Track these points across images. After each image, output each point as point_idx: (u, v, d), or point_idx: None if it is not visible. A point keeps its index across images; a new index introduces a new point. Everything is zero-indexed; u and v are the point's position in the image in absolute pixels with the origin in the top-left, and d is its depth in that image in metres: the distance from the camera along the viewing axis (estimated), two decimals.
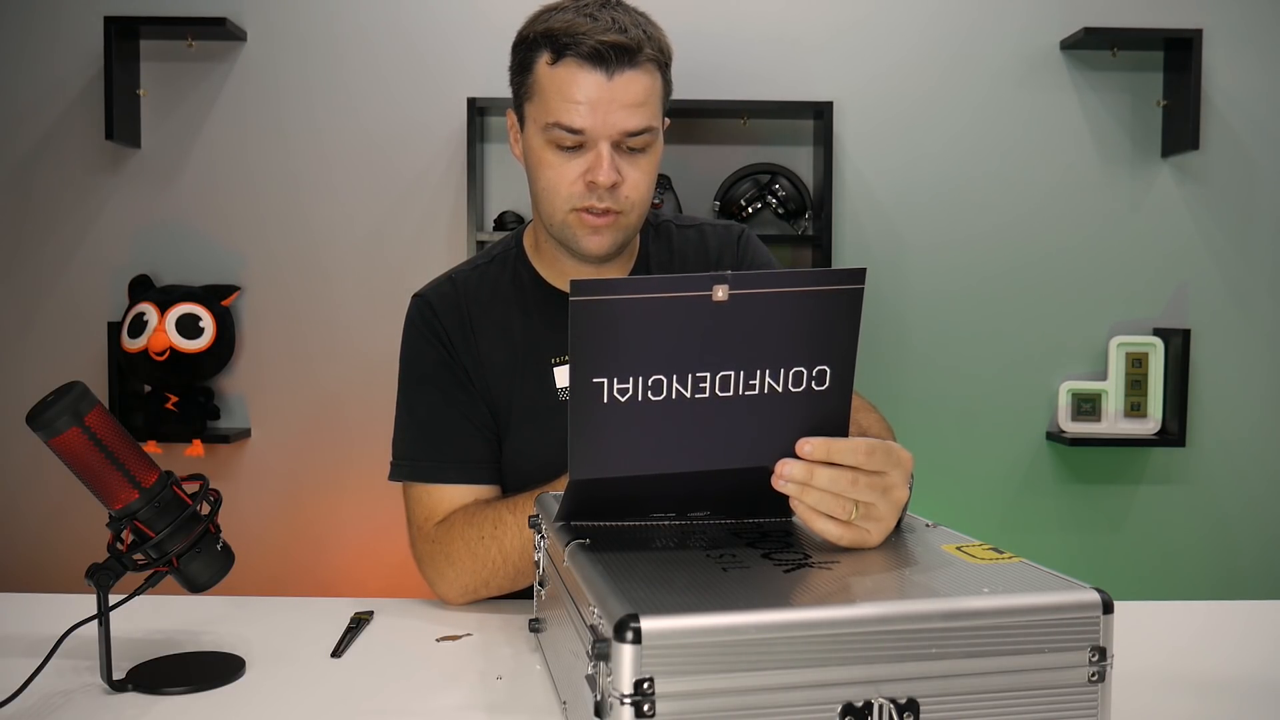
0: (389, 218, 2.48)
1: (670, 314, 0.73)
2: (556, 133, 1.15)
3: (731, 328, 0.74)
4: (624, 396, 0.74)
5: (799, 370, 0.78)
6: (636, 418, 0.75)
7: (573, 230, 1.19)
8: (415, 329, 1.28)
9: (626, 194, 1.17)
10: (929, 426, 2.48)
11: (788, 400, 0.78)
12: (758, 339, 0.76)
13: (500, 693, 0.93)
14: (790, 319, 0.76)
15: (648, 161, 1.19)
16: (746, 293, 0.74)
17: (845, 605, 0.69)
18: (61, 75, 2.43)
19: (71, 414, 0.88)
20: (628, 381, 0.73)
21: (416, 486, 1.25)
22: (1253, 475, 2.52)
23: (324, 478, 2.48)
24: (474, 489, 1.24)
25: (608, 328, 0.72)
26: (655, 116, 1.18)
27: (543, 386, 1.26)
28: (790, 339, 0.76)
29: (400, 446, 1.27)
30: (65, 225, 2.45)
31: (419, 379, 1.27)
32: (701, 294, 0.73)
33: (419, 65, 2.45)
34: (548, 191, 1.19)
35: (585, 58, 1.12)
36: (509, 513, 1.15)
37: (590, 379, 0.73)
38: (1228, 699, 0.91)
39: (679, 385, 0.75)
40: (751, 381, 0.77)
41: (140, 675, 0.95)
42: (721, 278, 0.73)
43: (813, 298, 0.76)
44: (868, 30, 2.48)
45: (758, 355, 0.76)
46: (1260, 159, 2.48)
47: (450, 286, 1.29)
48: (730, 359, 0.75)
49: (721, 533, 0.90)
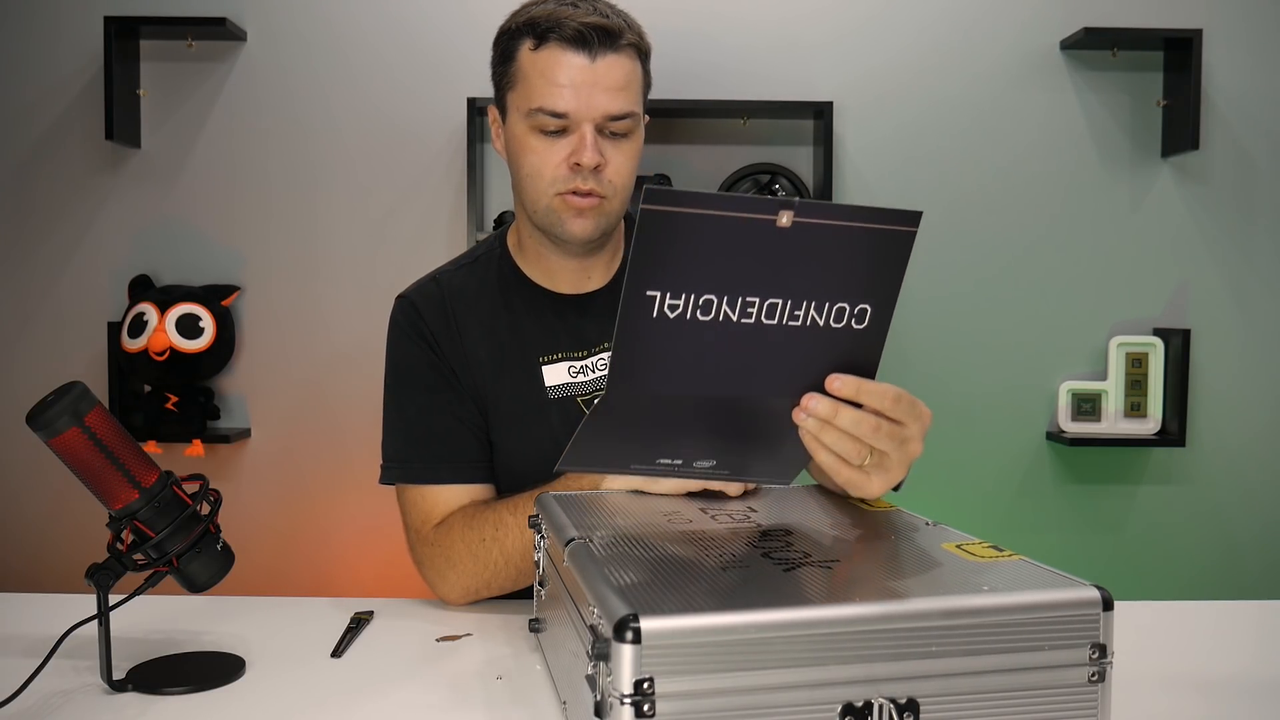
0: (389, 217, 2.48)
1: (733, 234, 0.72)
2: (540, 117, 1.16)
3: (788, 256, 0.74)
4: (673, 313, 0.73)
5: (842, 306, 0.77)
6: (682, 336, 0.74)
7: (557, 214, 1.19)
8: (400, 330, 1.28)
9: (610, 178, 1.18)
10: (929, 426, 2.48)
11: (826, 335, 0.78)
12: (810, 270, 0.75)
13: (500, 693, 0.93)
14: (844, 254, 0.76)
15: (630, 147, 1.19)
16: (809, 221, 0.73)
17: (845, 604, 0.69)
18: (61, 75, 2.43)
19: (71, 414, 0.88)
20: (680, 298, 0.73)
21: (410, 489, 1.24)
22: (1253, 475, 2.52)
23: (324, 478, 2.48)
24: (468, 488, 1.23)
25: (671, 240, 0.71)
26: (637, 102, 1.19)
27: (531, 384, 1.25)
28: (840, 274, 0.76)
29: (390, 449, 1.27)
30: (65, 225, 2.45)
31: (406, 380, 1.26)
32: (767, 218, 0.72)
33: (419, 65, 2.45)
34: (532, 177, 1.19)
35: (568, 41, 1.14)
36: (510, 514, 1.15)
37: (644, 291, 0.72)
38: (1228, 699, 0.91)
39: (728, 308, 0.74)
40: (796, 312, 0.76)
41: (140, 675, 0.95)
42: (788, 203, 0.72)
43: (869, 235, 0.75)
44: (868, 30, 2.48)
45: (808, 286, 0.76)
46: (1260, 159, 2.48)
47: (434, 286, 1.29)
48: (781, 287, 0.75)
49: (722, 531, 0.90)
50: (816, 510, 1.02)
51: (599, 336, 1.28)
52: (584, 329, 1.28)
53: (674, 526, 0.93)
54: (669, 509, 1.01)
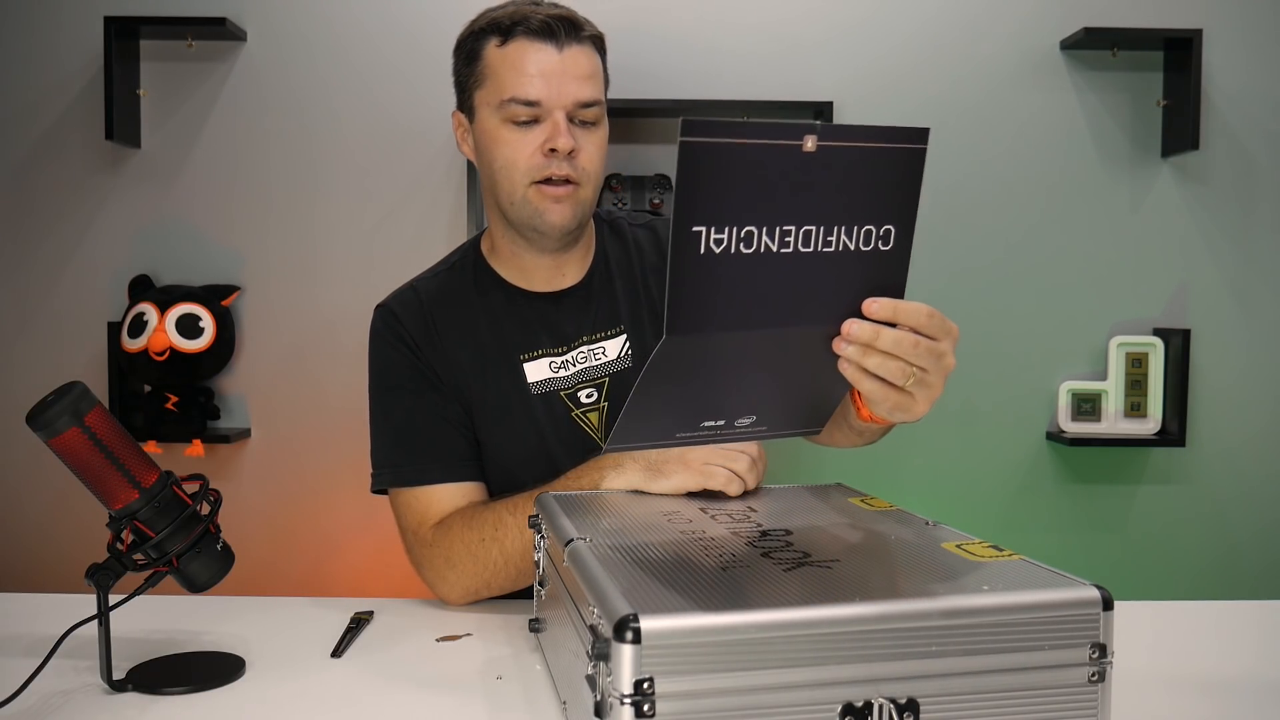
0: (389, 218, 2.48)
1: (764, 162, 0.73)
2: (512, 108, 1.19)
3: (816, 180, 0.75)
4: (719, 247, 0.74)
5: (869, 228, 0.79)
6: (728, 270, 0.75)
7: (533, 205, 1.21)
8: (381, 338, 1.30)
9: (583, 164, 1.21)
10: (929, 426, 2.48)
11: (858, 259, 0.79)
12: (836, 194, 0.77)
13: (500, 693, 0.93)
14: (865, 175, 0.77)
15: (598, 136, 1.23)
16: (832, 145, 0.74)
17: (845, 604, 0.69)
18: (61, 75, 2.43)
19: (71, 414, 0.88)
20: (723, 231, 0.74)
21: (404, 492, 1.25)
22: (1253, 475, 2.52)
23: (324, 478, 2.48)
24: (460, 487, 1.24)
25: (710, 172, 0.72)
26: (601, 90, 1.23)
27: (514, 382, 1.27)
28: (863, 196, 0.78)
29: (380, 455, 1.28)
30: (65, 225, 2.45)
31: (390, 386, 1.28)
32: (793, 143, 0.73)
33: (419, 65, 2.44)
34: (507, 168, 1.21)
35: (535, 33, 1.18)
36: (509, 514, 1.15)
37: (690, 227, 0.73)
38: (1228, 699, 0.91)
39: (767, 238, 0.75)
40: (829, 238, 0.78)
41: (140, 675, 0.95)
42: (811, 127, 0.73)
43: (885, 154, 0.77)
44: (868, 30, 2.48)
45: (836, 210, 0.77)
46: (1260, 159, 2.48)
47: (412, 294, 1.32)
48: (813, 213, 0.76)
49: (722, 531, 0.90)
50: (816, 510, 1.02)
51: (577, 331, 1.30)
52: (562, 325, 1.30)
53: (674, 526, 0.93)
54: (669, 509, 1.01)
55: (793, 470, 2.45)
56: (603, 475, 1.13)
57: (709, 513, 0.99)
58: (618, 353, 1.30)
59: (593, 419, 1.27)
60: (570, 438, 1.27)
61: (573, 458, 1.23)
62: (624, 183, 2.37)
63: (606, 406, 1.28)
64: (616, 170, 2.41)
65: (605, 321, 1.31)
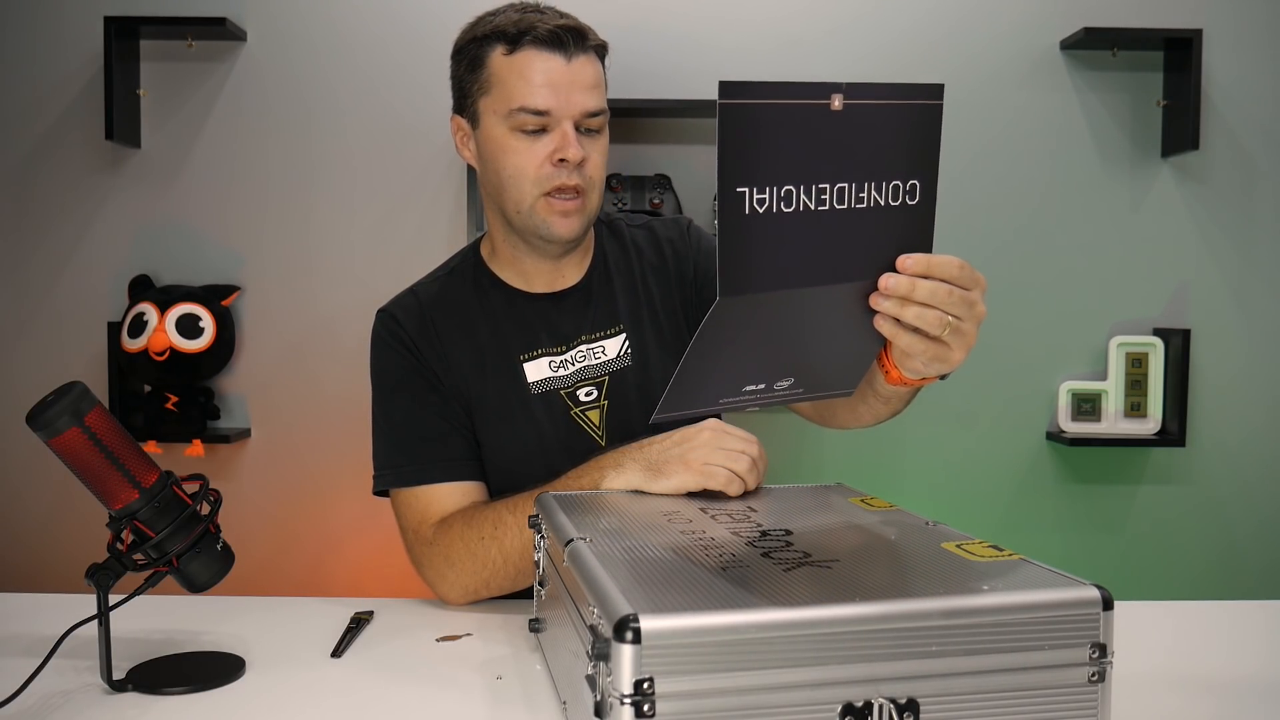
0: (389, 218, 2.48)
1: (797, 121, 0.76)
2: (521, 117, 1.19)
3: (845, 139, 0.78)
4: (761, 207, 0.76)
5: (896, 184, 0.82)
6: (772, 229, 0.77)
7: (541, 217, 1.22)
8: (382, 341, 1.31)
9: (590, 173, 1.22)
10: (929, 426, 2.48)
11: (889, 214, 0.82)
12: (864, 151, 0.80)
13: (500, 693, 0.93)
14: (889, 132, 0.81)
15: (603, 144, 1.25)
16: (859, 103, 0.78)
17: (845, 604, 0.69)
18: (61, 75, 2.43)
19: (71, 414, 0.88)
20: (765, 191, 0.76)
21: (404, 492, 1.26)
22: (1253, 475, 2.52)
23: (324, 478, 2.48)
24: (460, 486, 1.24)
25: (749, 134, 0.74)
26: (605, 99, 1.24)
27: (514, 382, 1.28)
28: (889, 152, 0.81)
29: (381, 457, 1.29)
30: (65, 225, 2.45)
31: (391, 389, 1.29)
32: (822, 102, 0.76)
33: (419, 65, 2.44)
34: (515, 177, 1.22)
35: (543, 42, 1.18)
36: (509, 513, 1.15)
37: (734, 188, 0.75)
38: (1228, 699, 0.91)
39: (805, 197, 0.78)
40: (861, 194, 0.80)
41: (140, 675, 0.95)
42: (837, 87, 0.77)
43: (906, 111, 0.81)
44: (867, 30, 2.48)
45: (866, 167, 0.80)
46: (1260, 159, 2.48)
47: (412, 298, 1.33)
48: (845, 170, 0.79)
49: (722, 531, 0.90)
50: (817, 510, 1.02)
51: (576, 330, 1.31)
52: (561, 324, 1.31)
53: (674, 526, 0.93)
54: (669, 509, 1.01)
55: (793, 470, 2.45)
56: (603, 475, 1.13)
57: (709, 513, 0.99)
58: (617, 351, 1.30)
59: (592, 417, 1.28)
60: (570, 436, 1.27)
61: (572, 456, 1.23)
62: (624, 183, 2.37)
63: (607, 405, 1.28)
64: (616, 170, 2.41)
65: (605, 321, 1.32)
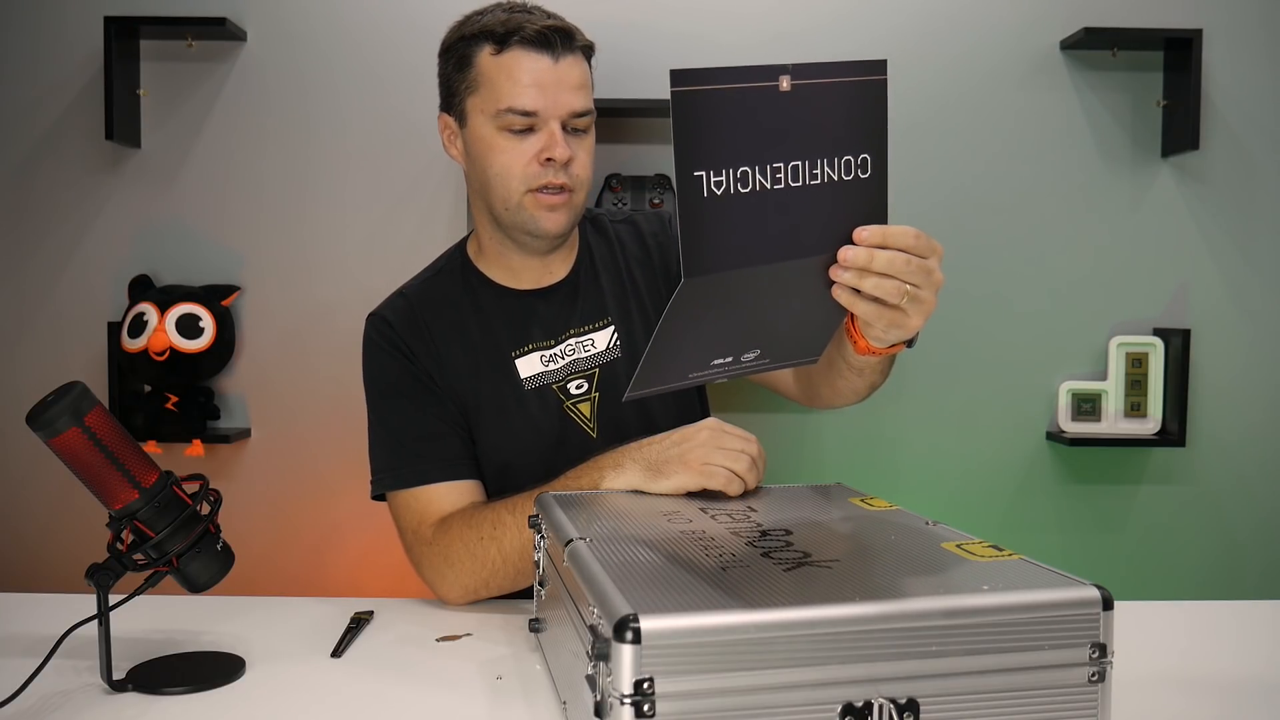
0: (389, 218, 2.47)
1: (748, 104, 0.78)
2: (508, 117, 1.20)
3: (794, 118, 0.81)
4: (719, 189, 0.78)
5: (848, 159, 0.84)
6: (731, 210, 0.79)
7: (529, 212, 1.24)
8: (375, 345, 1.31)
9: (576, 172, 1.23)
10: (929, 426, 2.48)
11: (842, 189, 0.84)
12: (814, 129, 0.82)
13: (500, 693, 0.93)
14: (837, 109, 0.83)
15: (590, 143, 1.26)
16: (806, 83, 0.80)
17: (845, 604, 0.69)
18: (61, 75, 2.43)
19: (71, 414, 0.88)
20: (721, 174, 0.78)
21: (402, 494, 1.26)
22: (1253, 475, 2.52)
23: (324, 478, 2.48)
24: (458, 485, 1.25)
25: (702, 118, 0.76)
26: (592, 99, 1.25)
27: (507, 379, 1.29)
28: (837, 128, 0.83)
29: (378, 461, 1.29)
30: (65, 225, 2.45)
31: (386, 393, 1.30)
32: (770, 84, 0.79)
33: (419, 65, 2.43)
34: (502, 176, 1.23)
35: (530, 43, 1.19)
36: (508, 513, 1.16)
37: (691, 173, 0.77)
38: (1228, 699, 0.92)
39: (760, 177, 0.80)
40: (815, 171, 0.82)
41: (140, 675, 0.95)
42: (784, 68, 0.79)
43: (851, 87, 0.83)
44: (867, 30, 2.47)
45: (816, 144, 0.82)
46: (1260, 159, 2.48)
47: (402, 301, 1.34)
48: (796, 148, 0.81)
49: (722, 531, 0.90)
50: (816, 510, 1.02)
51: (565, 324, 1.32)
52: (550, 319, 1.32)
53: (674, 526, 0.93)
54: (669, 509, 1.01)
55: (793, 470, 2.45)
56: (602, 475, 1.13)
57: (709, 512, 0.99)
58: (606, 344, 1.32)
59: (584, 409, 1.29)
60: (563, 430, 1.28)
61: (565, 450, 1.23)
62: (624, 183, 2.37)
63: (598, 397, 1.29)
64: (616, 170, 2.41)
65: (593, 314, 1.33)
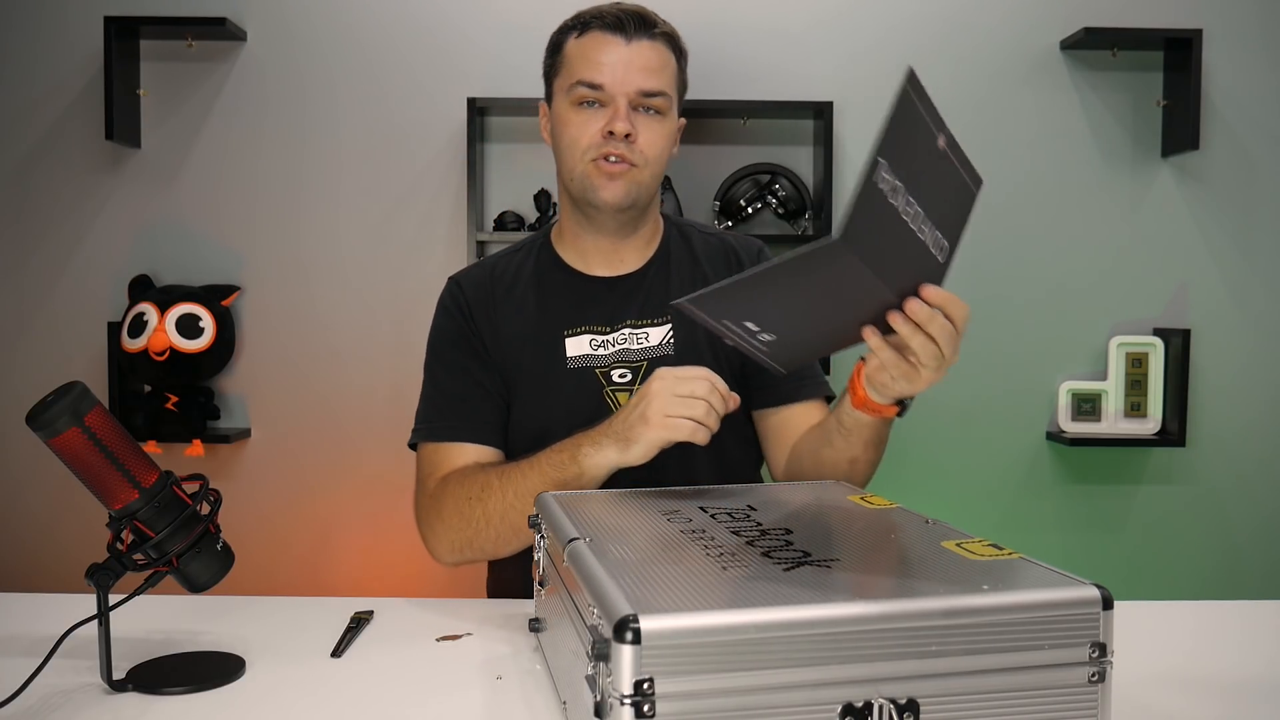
0: (389, 218, 2.48)
1: (924, 133, 0.86)
2: (579, 90, 1.29)
3: (934, 172, 0.89)
4: (885, 186, 0.82)
5: (940, 236, 0.91)
6: (882, 207, 0.83)
7: (590, 179, 1.30)
8: (443, 306, 1.40)
9: (641, 148, 1.29)
10: (929, 426, 2.48)
11: (927, 255, 0.91)
12: (938, 194, 0.89)
13: (500, 693, 0.93)
14: (950, 191, 0.92)
15: (661, 126, 1.31)
16: (949, 153, 0.90)
17: (845, 603, 0.69)
18: (61, 75, 2.43)
19: (71, 414, 0.88)
20: (893, 176, 0.83)
21: (426, 446, 1.32)
22: (1253, 475, 2.52)
23: (324, 478, 2.48)
24: (476, 448, 1.30)
25: (909, 125, 0.83)
26: (670, 85, 1.31)
27: (552, 355, 1.33)
28: (946, 207, 0.91)
29: (421, 413, 1.36)
30: (65, 225, 2.45)
31: (440, 352, 1.37)
32: (936, 134, 0.87)
33: (419, 65, 2.44)
34: (570, 146, 1.31)
35: (607, 26, 1.29)
36: (496, 478, 1.21)
37: (878, 155, 0.80)
38: (1228, 699, 0.91)
39: (906, 199, 0.85)
40: (924, 227, 0.88)
41: (140, 675, 0.95)
42: (944, 129, 0.88)
43: (965, 183, 0.94)
44: (868, 30, 2.48)
45: (936, 206, 0.89)
46: (1260, 159, 2.48)
47: (480, 270, 1.42)
48: (926, 198, 0.87)
49: (722, 531, 0.90)
50: (816, 509, 1.02)
51: (624, 314, 1.36)
52: (612, 306, 1.36)
53: (674, 526, 0.93)
54: (669, 508, 1.01)
55: None
56: (580, 451, 1.17)
57: (709, 512, 0.99)
58: (660, 340, 1.34)
59: (623, 399, 1.30)
60: (595, 413, 1.27)
61: None
62: None
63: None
64: None
65: (654, 310, 1.36)
